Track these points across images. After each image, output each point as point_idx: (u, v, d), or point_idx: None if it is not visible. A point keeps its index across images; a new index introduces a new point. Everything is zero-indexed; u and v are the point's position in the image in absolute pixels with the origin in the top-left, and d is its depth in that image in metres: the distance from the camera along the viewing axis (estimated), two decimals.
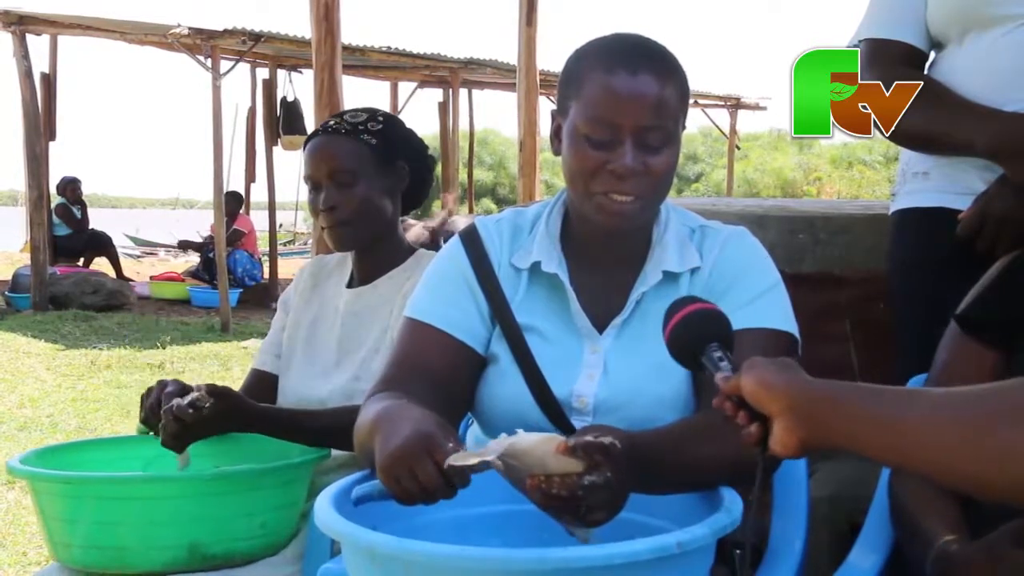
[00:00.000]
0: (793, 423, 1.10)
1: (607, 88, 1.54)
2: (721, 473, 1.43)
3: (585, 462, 1.21)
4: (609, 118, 1.53)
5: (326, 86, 6.26)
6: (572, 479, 1.21)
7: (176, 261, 17.68)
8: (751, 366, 1.15)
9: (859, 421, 1.06)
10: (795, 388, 1.11)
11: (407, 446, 1.29)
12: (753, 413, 1.15)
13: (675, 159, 1.58)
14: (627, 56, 1.55)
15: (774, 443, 1.13)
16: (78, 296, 10.71)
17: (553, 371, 1.62)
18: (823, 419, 1.09)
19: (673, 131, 1.56)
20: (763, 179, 27.45)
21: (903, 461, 1.05)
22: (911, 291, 2.08)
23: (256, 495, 1.87)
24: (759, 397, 1.13)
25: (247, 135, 13.34)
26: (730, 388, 1.17)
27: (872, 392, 1.08)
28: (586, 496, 1.21)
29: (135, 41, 11.76)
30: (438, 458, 1.26)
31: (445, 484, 1.26)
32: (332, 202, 2.10)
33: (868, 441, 1.06)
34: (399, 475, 1.28)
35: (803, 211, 2.79)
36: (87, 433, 5.62)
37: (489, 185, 26.28)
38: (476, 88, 16.11)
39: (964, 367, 1.57)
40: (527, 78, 8.68)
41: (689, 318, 1.28)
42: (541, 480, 1.21)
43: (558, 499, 1.21)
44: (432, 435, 1.29)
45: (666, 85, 1.54)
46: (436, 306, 1.67)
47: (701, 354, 1.26)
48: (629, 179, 1.54)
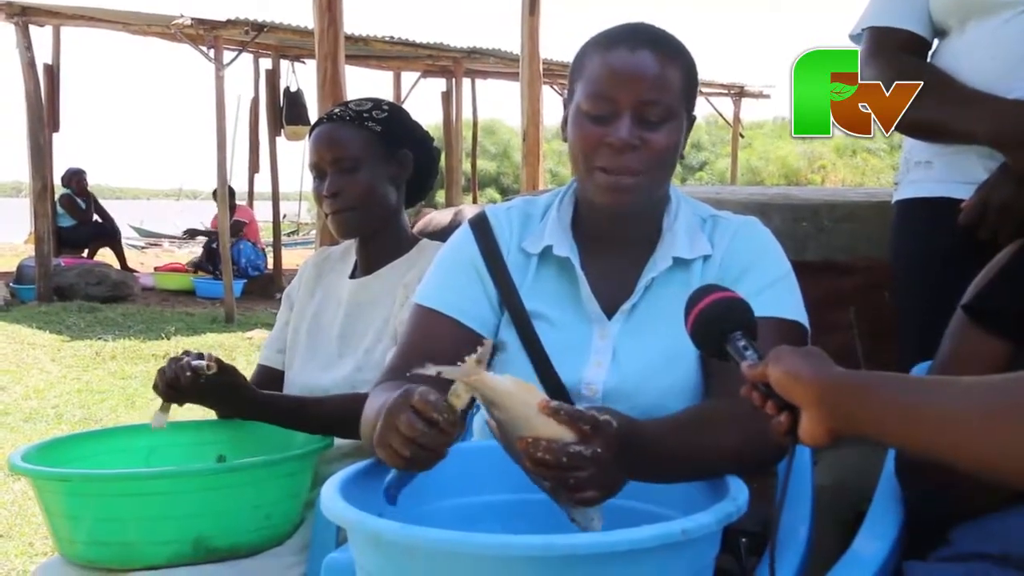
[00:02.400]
0: (822, 414, 1.11)
1: (606, 64, 1.56)
2: (726, 462, 1.42)
3: (573, 430, 1.22)
4: (607, 93, 1.55)
5: (329, 76, 6.25)
6: (558, 444, 1.21)
7: (180, 252, 17.69)
8: (779, 356, 1.15)
9: (888, 410, 1.06)
10: (823, 378, 1.11)
11: (388, 408, 1.27)
12: (781, 403, 1.15)
13: (676, 137, 1.58)
14: (628, 36, 1.58)
15: (803, 434, 1.13)
16: (83, 287, 10.72)
17: (561, 358, 1.62)
18: (852, 409, 1.09)
19: (675, 109, 1.56)
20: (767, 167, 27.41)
21: (932, 449, 1.05)
22: (914, 280, 2.08)
23: (260, 487, 1.87)
24: (787, 387, 1.13)
25: (250, 125, 13.34)
26: (757, 375, 1.17)
27: (900, 381, 1.08)
28: (571, 465, 1.21)
29: (138, 32, 11.77)
30: (416, 404, 1.23)
31: (430, 427, 1.23)
32: (335, 188, 2.11)
33: (897, 430, 1.06)
34: (389, 438, 1.25)
35: (807, 199, 2.79)
36: (92, 424, 5.62)
37: (493, 175, 26.25)
38: (479, 78, 16.09)
39: (971, 357, 1.57)
40: (530, 67, 8.67)
41: (714, 306, 1.28)
42: (529, 441, 1.21)
43: (543, 464, 1.21)
44: (408, 390, 1.26)
45: (668, 65, 1.56)
46: (444, 293, 1.67)
47: (726, 343, 1.25)
48: (625, 152, 1.54)
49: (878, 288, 2.38)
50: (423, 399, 1.24)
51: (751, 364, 1.20)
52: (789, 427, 1.15)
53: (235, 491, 1.85)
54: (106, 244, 13.35)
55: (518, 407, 1.23)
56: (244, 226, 12.44)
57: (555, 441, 1.21)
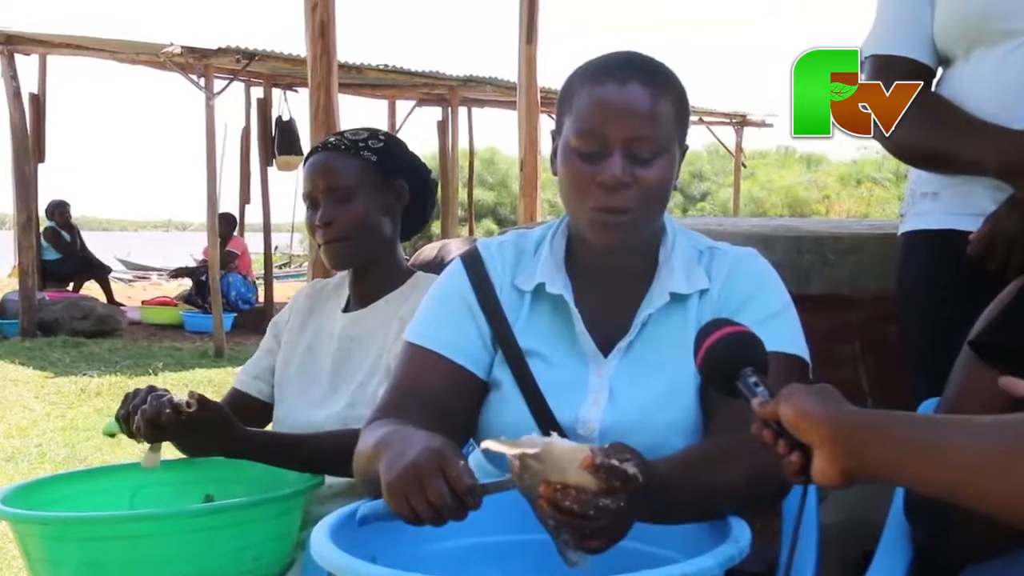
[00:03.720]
0: (835, 453, 1.11)
1: (595, 100, 1.55)
2: (734, 500, 1.42)
3: (603, 483, 1.21)
4: (597, 130, 1.54)
5: (322, 105, 6.27)
6: (587, 495, 1.21)
7: (169, 285, 17.66)
8: (790, 394, 1.15)
9: (902, 450, 1.06)
10: (836, 418, 1.12)
11: (418, 462, 1.27)
12: (793, 442, 1.15)
13: (669, 173, 1.58)
14: (617, 69, 1.57)
15: (816, 474, 1.13)
16: (68, 321, 10.70)
17: (557, 396, 1.61)
18: (865, 449, 1.09)
19: (667, 143, 1.57)
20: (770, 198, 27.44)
21: (947, 490, 1.05)
22: (921, 315, 2.07)
23: (248, 528, 1.85)
24: (799, 426, 1.13)
25: (241, 155, 13.37)
26: (768, 414, 1.17)
27: (914, 420, 1.09)
28: (596, 517, 1.21)
29: (126, 60, 11.80)
30: (450, 475, 1.25)
31: (456, 503, 1.25)
32: (328, 217, 2.11)
33: (911, 470, 1.06)
34: (409, 492, 1.26)
35: (810, 231, 2.79)
36: (77, 463, 5.60)
37: (491, 205, 26.28)
38: (476, 106, 16.14)
39: (979, 395, 1.56)
40: (527, 96, 8.70)
41: (725, 341, 1.28)
42: (557, 488, 1.21)
43: (567, 512, 1.21)
44: (443, 451, 1.28)
45: (658, 98, 1.55)
46: (436, 330, 1.67)
47: (736, 379, 1.25)
48: (618, 191, 1.54)
49: (884, 322, 2.37)
50: (461, 476, 1.25)
51: (762, 402, 1.19)
52: (801, 467, 1.15)
53: (222, 532, 1.83)
54: (92, 277, 13.34)
55: (560, 463, 1.22)
56: (236, 257, 12.45)
57: (583, 491, 1.21)
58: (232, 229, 12.71)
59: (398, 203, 2.20)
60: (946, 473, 1.03)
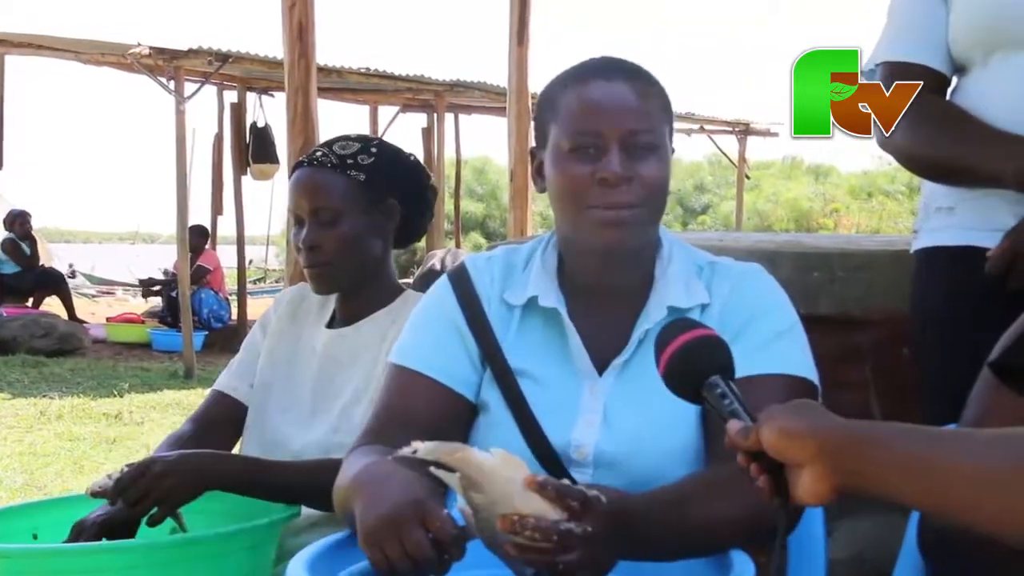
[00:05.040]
0: (825, 468, 1.10)
1: (585, 99, 1.59)
2: (734, 534, 1.42)
3: (560, 507, 1.21)
4: (591, 127, 1.57)
5: (300, 111, 6.26)
6: (546, 522, 1.20)
7: (135, 301, 17.63)
8: (769, 417, 1.15)
9: (898, 464, 1.06)
10: (821, 432, 1.11)
11: (395, 511, 1.28)
12: (767, 463, 1.14)
13: (666, 171, 1.61)
14: (600, 67, 1.63)
15: (804, 493, 1.11)
16: (27, 339, 10.67)
17: (549, 418, 1.61)
18: (857, 463, 1.08)
19: (659, 140, 1.60)
20: (776, 211, 27.49)
21: (948, 507, 1.05)
22: (937, 336, 2.07)
23: (219, 561, 1.84)
24: (782, 448, 1.12)
25: (214, 163, 13.35)
26: (751, 445, 1.15)
27: (911, 432, 1.08)
28: (561, 546, 1.20)
29: (91, 61, 11.79)
30: (431, 526, 1.25)
31: (436, 556, 1.25)
32: (313, 241, 2.10)
33: (908, 485, 1.06)
34: (384, 542, 1.26)
35: (818, 247, 2.80)
36: (35, 491, 5.57)
37: (479, 218, 26.28)
38: (463, 112, 16.17)
39: (1000, 419, 1.56)
40: (518, 102, 8.68)
41: (688, 347, 1.27)
42: (514, 520, 1.20)
43: (530, 548, 1.20)
44: (423, 501, 1.29)
45: (645, 95, 1.60)
46: (422, 350, 1.68)
47: (701, 388, 1.25)
48: (620, 186, 1.56)
49: (896, 343, 2.38)
50: (445, 529, 1.25)
51: (742, 428, 1.18)
52: (774, 489, 1.15)
53: (191, 565, 1.81)
54: (52, 292, 13.31)
55: (500, 484, 1.22)
56: (208, 272, 12.43)
57: (542, 519, 1.20)
58: (204, 242, 12.69)
59: (388, 222, 2.18)
60: (947, 489, 1.03)
